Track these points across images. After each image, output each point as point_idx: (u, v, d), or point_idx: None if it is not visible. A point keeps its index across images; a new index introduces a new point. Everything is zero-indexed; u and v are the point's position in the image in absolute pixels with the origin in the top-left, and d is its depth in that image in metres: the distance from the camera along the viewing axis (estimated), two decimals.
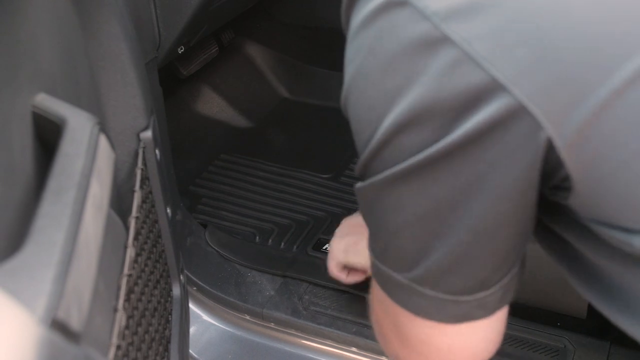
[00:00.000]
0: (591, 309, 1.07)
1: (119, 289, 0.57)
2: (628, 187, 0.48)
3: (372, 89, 0.52)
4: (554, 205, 0.54)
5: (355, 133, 0.55)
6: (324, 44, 1.67)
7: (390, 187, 0.53)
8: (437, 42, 0.47)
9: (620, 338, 1.05)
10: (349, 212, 1.35)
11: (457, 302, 0.56)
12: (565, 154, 0.48)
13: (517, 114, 0.47)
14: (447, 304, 0.56)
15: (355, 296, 1.13)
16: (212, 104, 1.61)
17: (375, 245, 0.59)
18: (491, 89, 0.47)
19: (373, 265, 0.60)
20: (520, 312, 1.09)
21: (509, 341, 1.06)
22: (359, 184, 0.56)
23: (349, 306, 1.12)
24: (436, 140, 0.49)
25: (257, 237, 1.29)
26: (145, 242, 0.72)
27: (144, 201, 0.72)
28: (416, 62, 0.48)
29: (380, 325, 0.66)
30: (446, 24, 0.47)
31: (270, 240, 1.28)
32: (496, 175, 0.49)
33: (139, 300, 0.66)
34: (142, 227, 0.70)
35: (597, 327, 1.06)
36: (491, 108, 0.47)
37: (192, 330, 1.06)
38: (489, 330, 0.60)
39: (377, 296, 0.62)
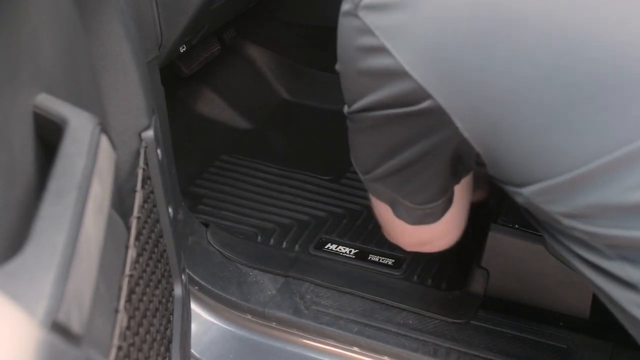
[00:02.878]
0: (594, 309, 1.07)
1: (120, 289, 0.57)
2: (511, 151, 0.62)
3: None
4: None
5: (344, 90, 0.73)
6: (325, 44, 1.67)
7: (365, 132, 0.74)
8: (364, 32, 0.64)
9: (622, 338, 1.04)
10: (351, 212, 1.35)
11: (418, 209, 0.79)
12: (467, 134, 0.64)
13: (422, 96, 0.62)
14: (414, 211, 0.79)
15: (356, 296, 1.13)
16: (213, 105, 1.61)
17: (362, 162, 0.80)
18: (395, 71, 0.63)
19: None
20: (522, 312, 1.09)
21: (511, 341, 1.06)
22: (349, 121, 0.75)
23: (351, 306, 1.12)
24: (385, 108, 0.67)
25: (259, 237, 1.28)
26: (147, 242, 0.71)
27: (145, 201, 0.72)
28: (358, 49, 0.66)
29: (378, 215, 0.88)
30: (367, 17, 0.63)
31: (272, 240, 1.28)
32: (423, 138, 0.67)
33: (141, 300, 0.65)
34: (144, 227, 0.70)
35: (599, 327, 1.06)
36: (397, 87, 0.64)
37: (193, 329, 1.06)
38: (438, 228, 0.83)
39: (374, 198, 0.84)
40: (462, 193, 0.82)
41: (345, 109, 0.75)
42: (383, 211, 0.84)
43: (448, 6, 0.60)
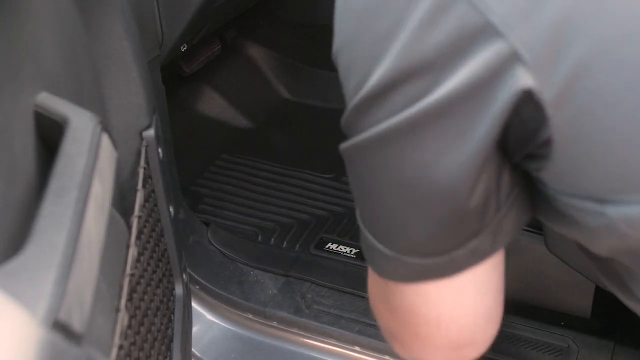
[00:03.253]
0: (595, 309, 1.07)
1: (121, 288, 0.57)
2: (609, 153, 0.45)
3: (360, 31, 0.48)
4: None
5: (344, 80, 0.51)
6: (326, 43, 1.67)
7: (373, 148, 0.50)
8: None
9: (624, 338, 1.04)
10: (352, 211, 1.35)
11: (431, 262, 0.53)
12: (551, 110, 0.44)
13: (510, 63, 0.43)
14: (423, 266, 0.54)
15: (358, 295, 1.13)
16: (214, 104, 1.61)
17: (360, 211, 0.58)
18: (484, 32, 0.43)
19: (361, 235, 0.58)
20: (524, 312, 1.09)
21: (512, 340, 1.06)
22: (343, 144, 0.53)
23: (352, 305, 1.12)
24: (424, 95, 0.45)
25: (260, 236, 1.28)
26: (148, 241, 0.71)
27: (146, 200, 0.72)
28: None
29: (374, 299, 0.63)
30: None
31: (272, 239, 1.28)
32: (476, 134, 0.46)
33: (141, 299, 0.65)
34: (145, 226, 0.70)
35: (601, 326, 1.06)
36: (484, 55, 0.43)
37: (194, 329, 1.06)
38: (472, 294, 0.57)
39: (369, 270, 0.60)
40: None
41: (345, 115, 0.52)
42: (377, 280, 0.58)
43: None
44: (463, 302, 0.57)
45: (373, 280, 0.61)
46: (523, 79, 0.43)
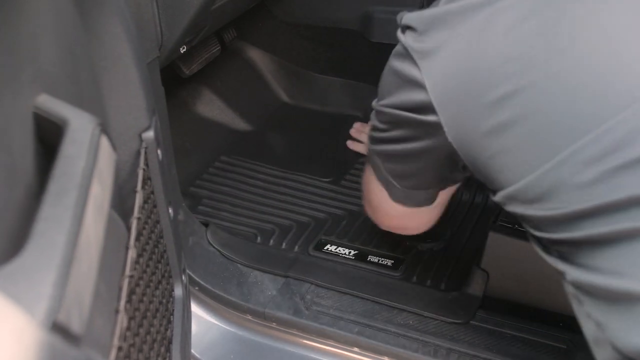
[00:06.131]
0: None
1: (120, 290, 0.57)
2: (483, 168, 0.77)
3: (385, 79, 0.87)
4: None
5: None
6: (326, 45, 1.68)
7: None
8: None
9: None
10: (350, 213, 1.35)
11: (409, 193, 0.96)
12: (457, 148, 0.78)
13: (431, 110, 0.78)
14: (404, 192, 0.96)
15: (357, 296, 1.13)
16: (213, 106, 1.61)
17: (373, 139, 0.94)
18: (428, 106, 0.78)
19: (370, 150, 0.97)
20: (522, 313, 1.09)
21: (511, 341, 1.06)
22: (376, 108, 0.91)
23: (351, 306, 1.12)
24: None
25: (258, 238, 1.29)
26: (147, 243, 0.71)
27: (145, 201, 0.72)
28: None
29: (367, 191, 1.04)
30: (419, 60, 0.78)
31: (271, 241, 1.28)
32: (427, 152, 0.84)
33: (141, 301, 0.65)
34: (144, 228, 0.70)
35: None
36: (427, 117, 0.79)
37: (194, 330, 1.06)
38: (418, 215, 1.03)
39: (370, 174, 1.01)
40: (442, 201, 1.02)
41: (375, 102, 0.90)
42: (376, 189, 0.99)
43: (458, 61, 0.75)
44: (414, 216, 1.03)
45: (370, 180, 1.00)
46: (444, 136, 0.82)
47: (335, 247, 1.25)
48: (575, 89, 0.68)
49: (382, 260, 1.21)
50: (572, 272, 0.72)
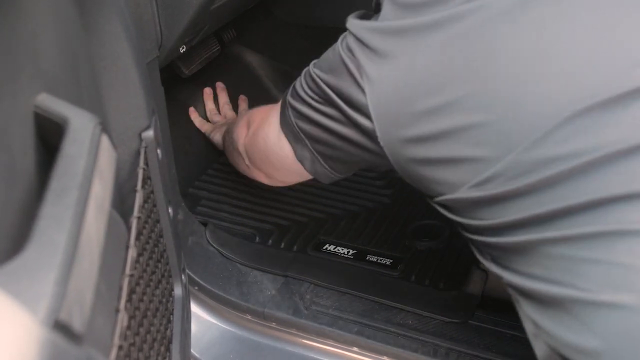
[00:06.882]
0: None
1: (120, 289, 0.57)
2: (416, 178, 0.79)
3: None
4: None
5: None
6: (325, 45, 1.67)
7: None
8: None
9: None
10: (349, 213, 1.35)
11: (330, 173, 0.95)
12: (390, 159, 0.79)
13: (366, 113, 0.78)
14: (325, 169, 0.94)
15: (356, 296, 1.13)
16: None
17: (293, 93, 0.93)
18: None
19: (283, 107, 0.96)
20: None
21: (511, 341, 1.06)
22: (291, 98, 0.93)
23: (351, 305, 1.12)
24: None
25: (257, 238, 1.29)
26: (147, 242, 0.71)
27: (145, 201, 0.72)
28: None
29: (265, 146, 1.02)
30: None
31: (270, 241, 1.28)
32: (349, 144, 0.85)
33: (141, 300, 0.65)
34: (144, 227, 0.70)
35: None
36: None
37: (193, 329, 1.06)
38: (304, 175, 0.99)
39: (266, 124, 1.01)
40: None
41: (311, 65, 0.90)
42: (283, 153, 0.96)
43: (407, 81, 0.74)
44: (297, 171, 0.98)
45: (280, 150, 0.97)
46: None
47: (334, 246, 1.25)
48: (506, 101, 0.68)
49: (381, 260, 1.21)
50: (506, 276, 0.76)
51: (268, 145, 1.00)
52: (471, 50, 0.70)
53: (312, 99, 0.87)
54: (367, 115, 0.77)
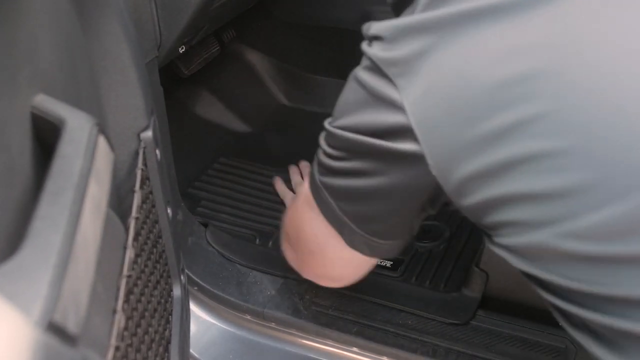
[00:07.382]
0: None
1: (118, 290, 0.57)
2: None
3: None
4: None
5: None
6: (325, 45, 1.67)
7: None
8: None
9: None
10: None
11: (368, 240, 0.81)
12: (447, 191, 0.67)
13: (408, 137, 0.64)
14: (364, 238, 0.80)
15: (356, 296, 1.13)
16: (212, 108, 1.61)
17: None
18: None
19: (315, 183, 0.82)
20: (521, 312, 1.09)
21: (510, 341, 1.06)
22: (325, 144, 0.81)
23: (350, 306, 1.12)
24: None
25: (257, 239, 1.28)
26: (145, 243, 0.71)
27: (144, 201, 0.72)
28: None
29: (301, 232, 0.90)
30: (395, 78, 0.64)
31: (270, 241, 1.28)
32: (400, 190, 0.71)
33: (139, 301, 0.65)
34: (142, 228, 0.70)
35: None
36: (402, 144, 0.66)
37: (193, 330, 1.06)
38: (365, 265, 0.89)
39: (306, 211, 0.86)
40: None
41: (327, 122, 0.77)
42: (321, 232, 0.82)
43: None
44: (356, 263, 0.88)
45: (318, 230, 0.85)
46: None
47: None
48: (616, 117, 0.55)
49: (381, 261, 1.21)
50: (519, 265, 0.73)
51: (322, 248, 0.87)
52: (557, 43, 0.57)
53: (337, 159, 0.75)
54: (412, 137, 0.64)
